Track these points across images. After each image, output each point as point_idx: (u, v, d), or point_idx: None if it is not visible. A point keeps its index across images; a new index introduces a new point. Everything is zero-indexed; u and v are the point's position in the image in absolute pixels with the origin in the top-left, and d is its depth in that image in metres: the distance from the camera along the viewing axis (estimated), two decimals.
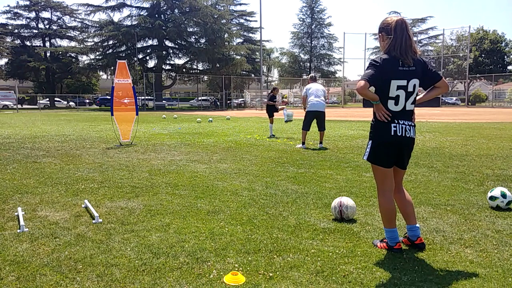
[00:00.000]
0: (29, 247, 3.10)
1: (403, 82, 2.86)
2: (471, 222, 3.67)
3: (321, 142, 9.11)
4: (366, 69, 2.90)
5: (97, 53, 48.24)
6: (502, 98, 53.43)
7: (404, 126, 2.91)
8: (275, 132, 12.73)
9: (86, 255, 2.94)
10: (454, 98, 59.48)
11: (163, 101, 48.06)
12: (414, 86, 2.91)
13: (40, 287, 2.48)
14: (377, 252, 3.00)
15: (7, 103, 44.20)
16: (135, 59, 46.34)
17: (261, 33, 46.30)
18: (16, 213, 3.89)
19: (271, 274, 2.63)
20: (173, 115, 26.39)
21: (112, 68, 42.60)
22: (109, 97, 12.86)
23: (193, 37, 48.38)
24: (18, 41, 50.73)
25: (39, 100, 49.00)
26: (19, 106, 44.34)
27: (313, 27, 62.13)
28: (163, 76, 51.03)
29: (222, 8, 48.95)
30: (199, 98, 54.04)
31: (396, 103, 2.89)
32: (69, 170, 6.32)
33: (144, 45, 47.56)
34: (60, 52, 50.20)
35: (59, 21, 52.55)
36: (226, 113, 30.72)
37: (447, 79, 50.39)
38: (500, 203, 4.02)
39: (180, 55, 49.76)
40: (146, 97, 45.14)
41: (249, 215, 3.91)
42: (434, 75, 2.98)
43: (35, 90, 57.82)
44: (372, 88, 2.90)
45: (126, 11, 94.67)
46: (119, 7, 47.25)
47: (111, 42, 46.73)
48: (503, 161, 7.00)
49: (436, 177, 5.68)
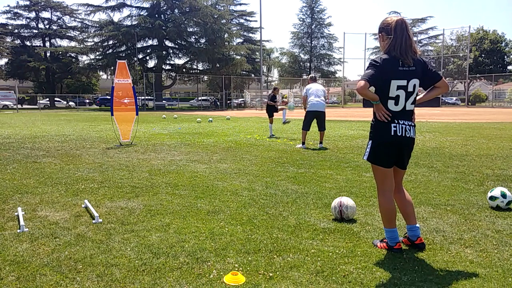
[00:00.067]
0: (29, 247, 3.10)
1: (403, 82, 2.86)
2: (471, 222, 3.67)
3: (321, 142, 9.11)
4: (366, 69, 2.90)
5: (97, 53, 48.27)
6: (502, 98, 53.47)
7: (404, 126, 2.91)
8: (275, 132, 12.73)
9: (86, 255, 2.94)
10: (454, 98, 59.47)
11: (163, 101, 48.06)
12: (414, 86, 2.91)
13: (40, 287, 2.48)
14: (377, 252, 3.00)
15: (7, 103, 44.20)
16: (135, 59, 46.35)
17: (261, 33, 46.39)
18: (16, 213, 3.90)
19: (271, 274, 2.63)
20: (173, 115, 26.38)
21: (112, 68, 42.61)
22: (109, 97, 12.85)
23: (193, 37, 48.40)
24: (18, 41, 50.74)
25: (39, 100, 48.99)
26: (19, 106, 44.34)
27: (313, 27, 62.12)
28: (163, 76, 51.02)
29: (222, 8, 48.95)
30: (199, 98, 54.02)
31: (396, 103, 2.89)
32: (69, 170, 6.32)
33: (144, 45, 47.61)
34: (60, 52, 50.21)
35: (59, 21, 52.58)
36: (226, 113, 30.72)
37: (447, 79, 50.39)
38: (500, 203, 4.02)
39: (180, 55, 49.80)
40: (146, 97, 45.14)
41: (249, 215, 3.91)
42: (434, 75, 2.98)
43: (35, 90, 57.81)
44: (372, 88, 2.90)
45: (126, 11, 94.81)
46: (119, 7, 47.28)
47: (111, 42, 46.76)
48: (503, 161, 7.00)
49: (436, 177, 5.68)
